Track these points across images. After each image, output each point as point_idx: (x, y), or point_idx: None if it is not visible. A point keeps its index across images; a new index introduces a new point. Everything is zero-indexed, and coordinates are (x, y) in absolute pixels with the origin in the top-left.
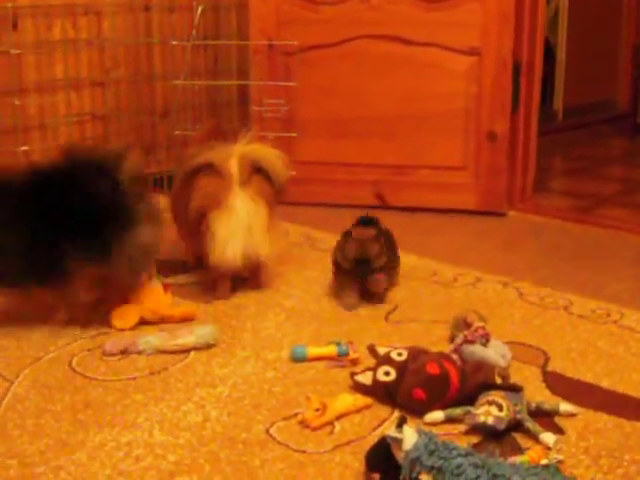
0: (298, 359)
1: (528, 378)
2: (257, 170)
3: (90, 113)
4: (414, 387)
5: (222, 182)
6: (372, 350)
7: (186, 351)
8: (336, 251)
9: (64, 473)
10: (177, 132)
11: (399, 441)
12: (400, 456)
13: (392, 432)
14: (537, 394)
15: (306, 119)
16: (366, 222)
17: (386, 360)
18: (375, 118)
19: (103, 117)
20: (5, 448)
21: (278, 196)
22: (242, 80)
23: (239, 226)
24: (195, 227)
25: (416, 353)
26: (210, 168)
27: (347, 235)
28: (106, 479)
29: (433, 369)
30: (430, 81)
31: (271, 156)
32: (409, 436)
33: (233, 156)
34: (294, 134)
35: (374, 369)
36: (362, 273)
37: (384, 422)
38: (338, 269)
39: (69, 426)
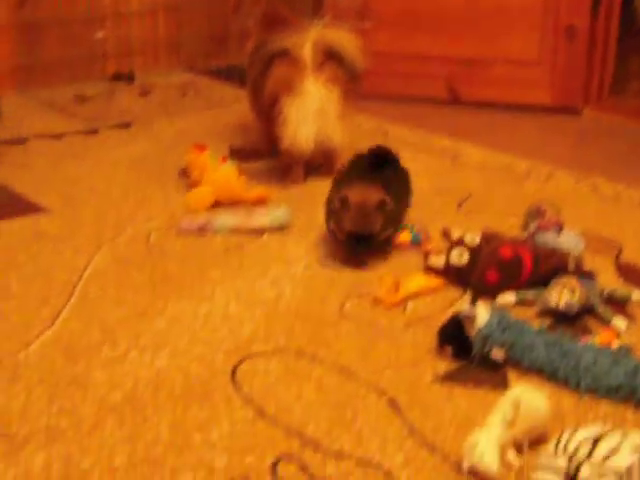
0: None
1: (601, 268)
2: (331, 56)
3: (163, 3)
4: (487, 270)
5: (296, 68)
6: (446, 234)
7: (260, 232)
8: (329, 213)
9: (144, 339)
10: (251, 23)
11: (472, 317)
12: (473, 332)
13: (465, 308)
14: (610, 283)
15: (381, 9)
16: (376, 163)
17: (460, 243)
18: (450, 9)
19: (176, 7)
20: (88, 314)
21: (353, 83)
22: None
23: (311, 111)
24: (269, 113)
25: (490, 237)
26: (285, 54)
27: (344, 199)
28: (185, 345)
29: (507, 252)
30: None
31: (347, 42)
32: (482, 312)
33: (307, 42)
34: (368, 24)
35: (447, 252)
36: (359, 250)
37: (455, 302)
38: (332, 236)
39: (148, 297)
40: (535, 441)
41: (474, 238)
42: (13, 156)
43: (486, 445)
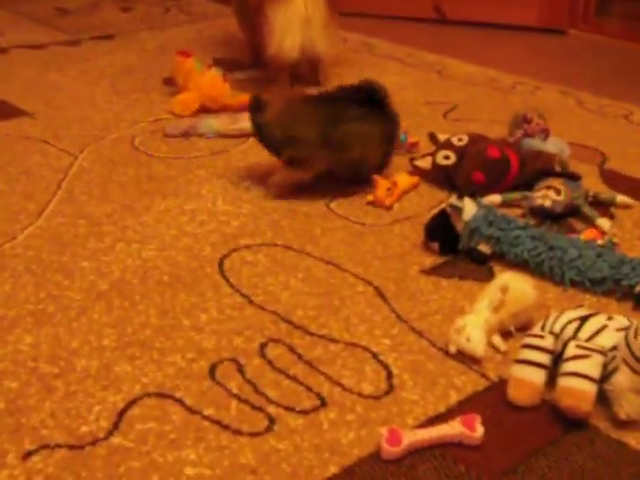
0: None
1: (586, 174)
2: None
3: None
4: (473, 170)
5: None
6: (432, 137)
7: (246, 136)
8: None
9: (131, 232)
10: None
11: (459, 211)
12: (459, 226)
13: (452, 201)
14: (595, 188)
15: None
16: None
17: (446, 145)
18: None
19: None
20: (74, 209)
21: None
22: None
23: (296, 17)
24: (254, 20)
25: (476, 138)
26: None
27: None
28: (172, 239)
29: (493, 153)
30: None
31: None
32: (469, 207)
33: None
34: None
35: (434, 154)
36: None
37: (441, 203)
38: None
39: (134, 194)
40: (521, 327)
41: (461, 139)
42: None
43: (473, 328)
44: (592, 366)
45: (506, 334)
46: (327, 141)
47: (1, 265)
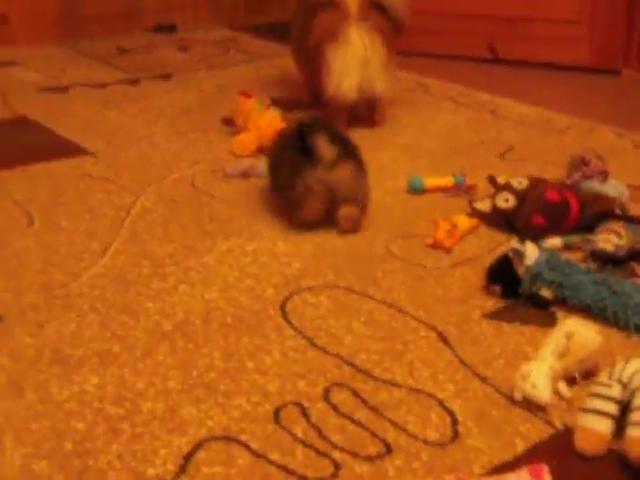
0: (416, 189)
1: None
2: (376, 6)
3: None
4: (533, 213)
5: (340, 16)
6: (492, 180)
7: None
8: None
9: (194, 273)
10: None
11: (521, 255)
12: (521, 270)
13: (514, 246)
14: None
15: None
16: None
17: (506, 188)
18: None
19: None
20: (137, 249)
21: (397, 34)
22: None
23: (355, 59)
24: (313, 62)
25: (536, 182)
26: (329, 3)
27: None
28: (234, 280)
29: (553, 196)
30: None
31: None
32: (531, 251)
33: None
34: None
35: (493, 196)
36: None
37: (501, 246)
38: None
39: (196, 234)
40: (586, 374)
41: (521, 182)
42: (57, 103)
43: (538, 375)
44: None
45: (571, 381)
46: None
47: (67, 304)
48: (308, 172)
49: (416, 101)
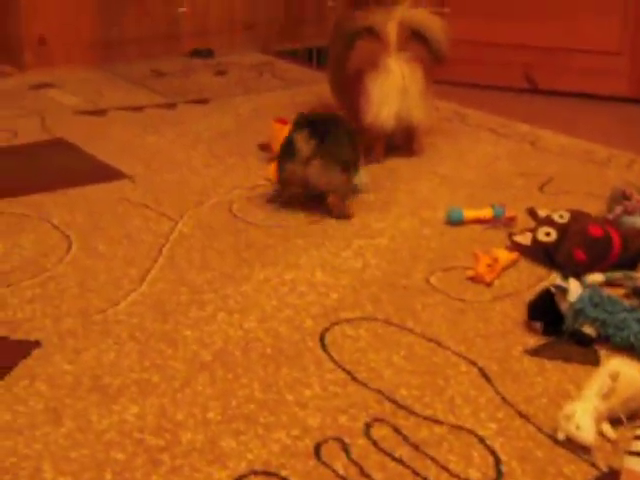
0: (454, 221)
1: None
2: (416, 35)
3: None
4: (575, 248)
5: (380, 45)
6: (532, 213)
7: None
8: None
9: (232, 301)
10: (330, 4)
11: (564, 291)
12: (564, 306)
13: (557, 282)
14: None
15: None
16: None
17: (547, 221)
18: None
19: None
20: (175, 276)
21: (437, 64)
22: None
23: (394, 88)
24: (351, 90)
25: (578, 215)
26: (369, 31)
27: None
28: (273, 309)
29: (595, 231)
30: None
31: (431, 22)
32: (574, 287)
33: (392, 20)
34: (447, 10)
35: (534, 230)
36: None
37: (542, 280)
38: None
39: (234, 262)
40: (632, 415)
41: (562, 216)
42: (95, 126)
43: (582, 416)
44: None
45: (616, 422)
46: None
47: (105, 331)
48: (287, 164)
49: (455, 131)
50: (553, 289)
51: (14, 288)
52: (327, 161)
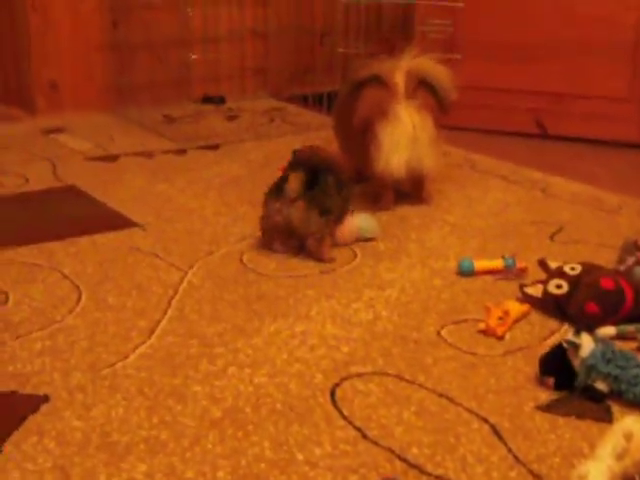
0: (465, 272)
1: None
2: (423, 84)
3: (252, 30)
4: (587, 301)
5: (388, 93)
6: (543, 264)
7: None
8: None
9: (242, 355)
10: (340, 50)
11: (576, 347)
12: (576, 362)
13: (570, 337)
14: None
15: (469, 41)
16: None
17: (558, 273)
18: (539, 43)
19: (264, 34)
20: (185, 328)
21: (443, 112)
22: None
23: (404, 136)
24: (359, 138)
25: (590, 268)
26: (376, 80)
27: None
28: (283, 363)
29: (607, 284)
30: (599, 7)
31: (438, 71)
32: (586, 343)
33: (400, 69)
34: (457, 56)
35: (545, 282)
36: None
37: (554, 334)
38: None
39: (244, 314)
40: None
41: (573, 268)
42: (106, 173)
43: (596, 476)
44: None
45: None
46: None
47: (114, 386)
48: (273, 201)
49: (464, 177)
50: (565, 344)
51: (23, 340)
52: (310, 205)
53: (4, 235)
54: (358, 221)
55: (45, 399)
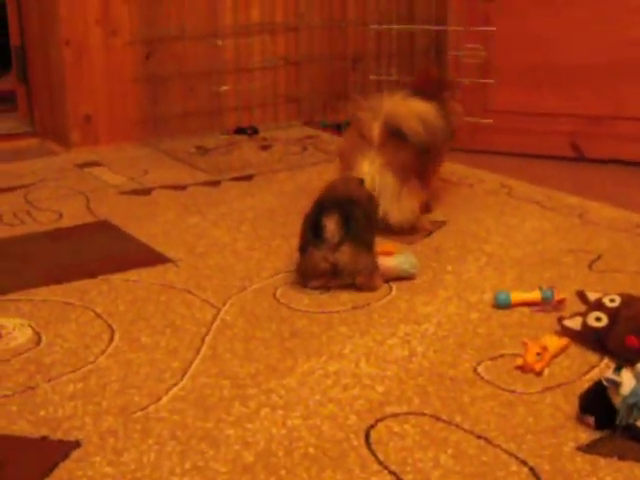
0: (502, 305)
1: None
2: (396, 135)
3: (283, 58)
4: (627, 334)
5: (360, 142)
6: (582, 296)
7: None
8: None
9: (275, 396)
10: (373, 77)
11: (617, 385)
12: (617, 400)
13: (610, 375)
14: None
15: (503, 66)
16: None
17: (598, 306)
18: (573, 66)
19: (296, 62)
20: (218, 369)
21: (428, 153)
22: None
23: None
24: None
25: (630, 300)
26: (356, 122)
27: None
28: (316, 404)
29: None
30: (632, 29)
31: (411, 120)
32: (627, 380)
33: (377, 117)
34: (491, 81)
35: (584, 314)
36: None
37: (593, 368)
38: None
39: (277, 353)
40: None
41: (613, 300)
42: (139, 207)
43: None
44: None
45: None
46: None
47: (146, 429)
48: (314, 250)
49: (501, 204)
50: (605, 382)
51: (55, 383)
52: (355, 246)
53: (37, 273)
54: (399, 259)
55: (76, 445)
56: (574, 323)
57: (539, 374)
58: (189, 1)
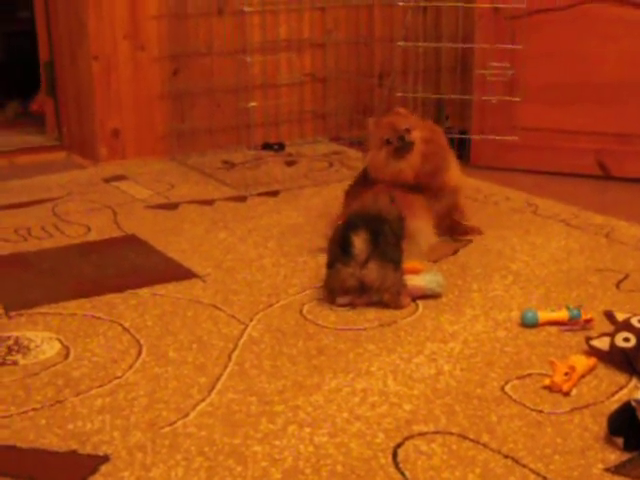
0: (529, 324)
1: None
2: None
3: (310, 74)
4: None
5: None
6: (610, 316)
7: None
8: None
9: (302, 413)
10: (399, 94)
11: None
12: None
13: (638, 396)
14: None
15: (530, 84)
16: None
17: (626, 326)
18: (600, 84)
19: (323, 78)
20: (245, 386)
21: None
22: (465, 43)
23: None
24: None
25: None
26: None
27: None
28: (344, 422)
29: None
30: None
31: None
32: None
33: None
34: (517, 99)
35: (612, 334)
36: None
37: (622, 389)
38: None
39: (304, 369)
40: None
41: None
42: (166, 221)
43: None
44: None
45: None
46: None
47: (174, 444)
48: (342, 267)
49: (526, 223)
50: (634, 403)
51: (84, 397)
52: (382, 263)
53: (66, 287)
54: (426, 278)
55: (105, 459)
56: (602, 343)
57: (567, 394)
58: (217, 18)
